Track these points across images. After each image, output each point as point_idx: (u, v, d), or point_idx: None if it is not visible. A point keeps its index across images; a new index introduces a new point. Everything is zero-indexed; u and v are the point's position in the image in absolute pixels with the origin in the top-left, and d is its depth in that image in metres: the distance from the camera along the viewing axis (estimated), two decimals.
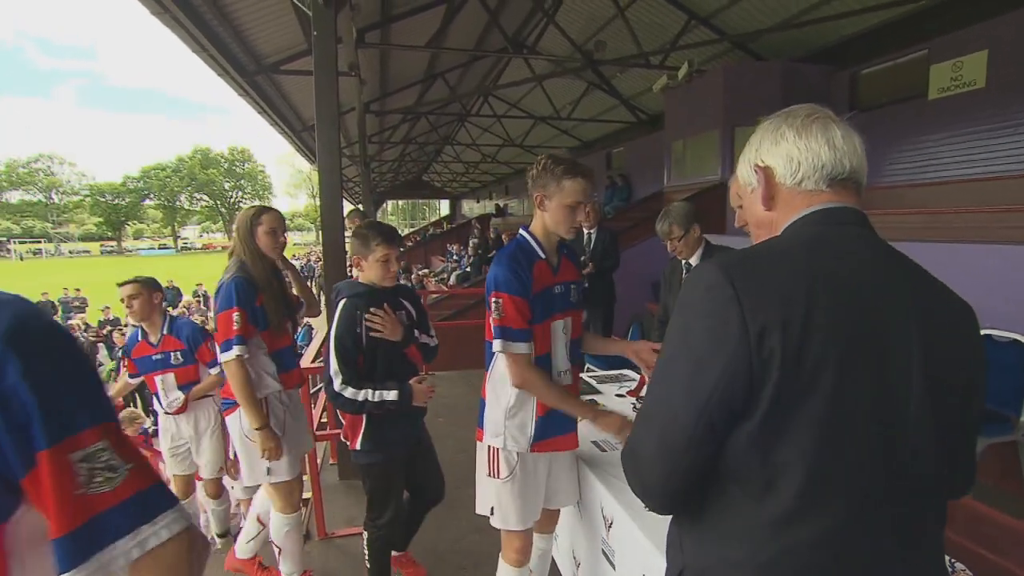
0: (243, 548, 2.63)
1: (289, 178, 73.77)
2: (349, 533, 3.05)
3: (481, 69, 12.19)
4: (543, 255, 1.73)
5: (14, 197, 65.24)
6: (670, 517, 0.96)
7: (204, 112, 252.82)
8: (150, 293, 2.99)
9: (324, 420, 4.30)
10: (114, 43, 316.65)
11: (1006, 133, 5.20)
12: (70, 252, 63.70)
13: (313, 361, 4.07)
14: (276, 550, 2.46)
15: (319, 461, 3.28)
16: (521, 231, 1.78)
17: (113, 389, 3.59)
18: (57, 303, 16.55)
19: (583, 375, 2.99)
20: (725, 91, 7.29)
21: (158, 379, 3.06)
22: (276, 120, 9.82)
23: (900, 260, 0.85)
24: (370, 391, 2.00)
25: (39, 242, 63.33)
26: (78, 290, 17.30)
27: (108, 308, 13.39)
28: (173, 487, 2.91)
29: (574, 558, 2.19)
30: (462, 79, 11.95)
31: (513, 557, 1.86)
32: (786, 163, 0.89)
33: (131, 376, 3.19)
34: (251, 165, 72.50)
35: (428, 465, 2.37)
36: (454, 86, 11.43)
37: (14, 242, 60.62)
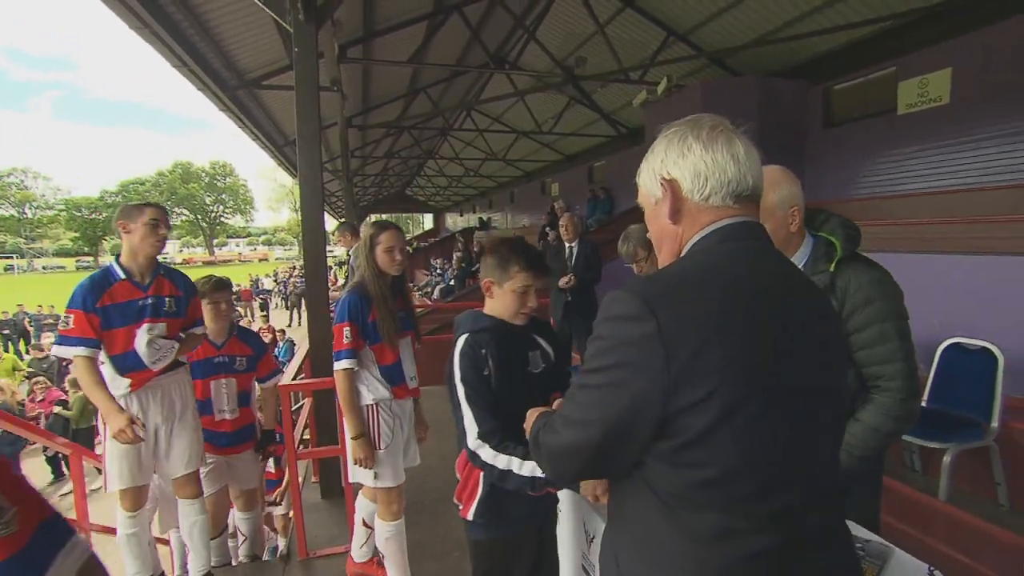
0: (359, 553, 2.63)
1: (271, 192, 73.11)
2: (331, 553, 2.99)
3: (463, 84, 12.29)
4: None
5: None
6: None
7: (185, 126, 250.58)
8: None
9: (306, 437, 4.24)
10: (92, 55, 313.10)
11: (970, 147, 5.38)
12: (44, 268, 62.23)
13: (294, 378, 4.02)
14: (376, 558, 2.50)
15: (300, 479, 3.22)
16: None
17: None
18: (29, 320, 16.15)
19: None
20: (703, 105, 7.39)
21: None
22: (257, 135, 9.78)
23: (794, 270, 0.92)
24: (516, 459, 1.49)
25: (11, 258, 61.78)
26: (52, 307, 16.86)
27: None
28: (126, 504, 2.41)
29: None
30: (444, 94, 12.04)
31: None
32: (693, 178, 0.88)
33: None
34: (232, 179, 71.97)
35: (548, 555, 1.87)
36: (436, 101, 11.50)
37: None
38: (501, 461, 1.50)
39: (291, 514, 3.21)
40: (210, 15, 5.49)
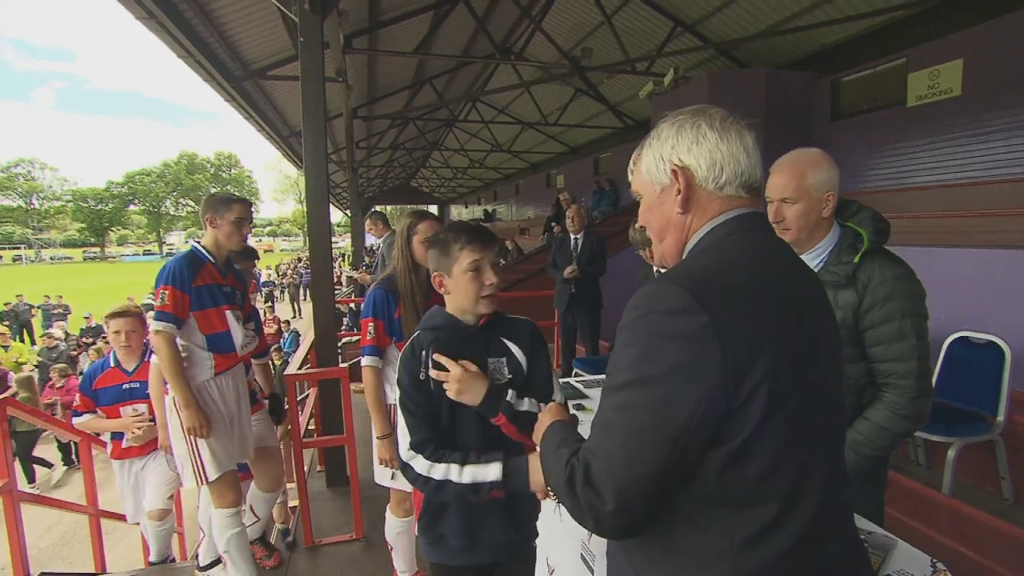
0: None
1: (276, 183, 73.43)
2: (336, 541, 3.03)
3: (469, 75, 12.23)
4: None
5: None
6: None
7: (190, 117, 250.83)
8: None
9: (312, 427, 4.28)
10: (96, 45, 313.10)
11: (981, 140, 5.33)
12: (51, 258, 62.68)
13: (299, 368, 4.05)
14: (388, 547, 2.49)
15: (306, 468, 3.25)
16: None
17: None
18: (36, 308, 16.26)
19: (571, 379, 3.00)
20: (710, 97, 7.36)
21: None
22: (263, 125, 9.77)
23: (797, 258, 0.91)
24: (455, 466, 1.33)
25: (19, 248, 62.22)
26: (60, 297, 16.99)
27: (90, 316, 13.18)
28: (226, 500, 2.35)
29: (548, 565, 2.17)
30: (450, 85, 11.98)
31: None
32: (709, 166, 0.85)
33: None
34: (238, 170, 72.09)
35: None
36: (442, 92, 11.45)
37: None
38: (437, 471, 1.34)
39: (290, 502, 3.23)
40: (215, 4, 5.48)
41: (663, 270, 2.84)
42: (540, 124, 12.43)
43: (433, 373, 1.39)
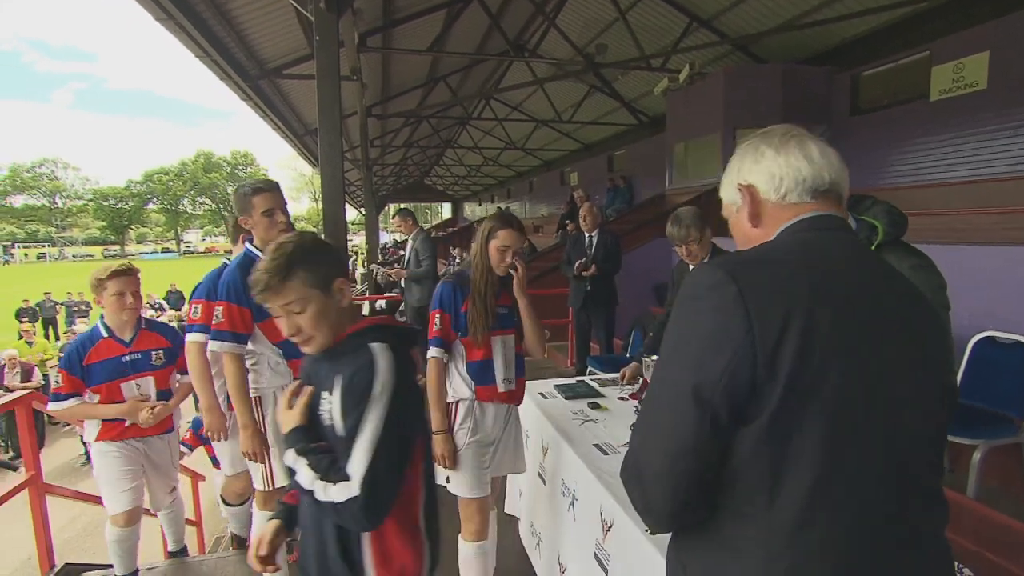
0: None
1: (291, 182, 73.91)
2: None
3: (482, 72, 12.23)
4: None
5: (18, 201, 65.61)
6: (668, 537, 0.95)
7: (207, 116, 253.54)
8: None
9: None
10: (113, 46, 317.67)
11: (1007, 135, 5.20)
12: (74, 256, 63.94)
13: None
14: None
15: None
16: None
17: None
18: (60, 305, 16.62)
19: (585, 378, 2.99)
20: (726, 93, 7.29)
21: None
22: (278, 124, 9.87)
23: (878, 262, 0.90)
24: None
25: (43, 246, 63.62)
26: (80, 294, 17.33)
27: None
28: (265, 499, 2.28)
29: (559, 563, 2.14)
30: (464, 82, 11.99)
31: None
32: (768, 179, 0.92)
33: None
34: (254, 169, 72.85)
35: None
36: (456, 89, 11.46)
37: (17, 246, 60.92)
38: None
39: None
40: (232, 4, 5.54)
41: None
42: (554, 121, 12.40)
43: None
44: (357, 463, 1.15)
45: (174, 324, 8.50)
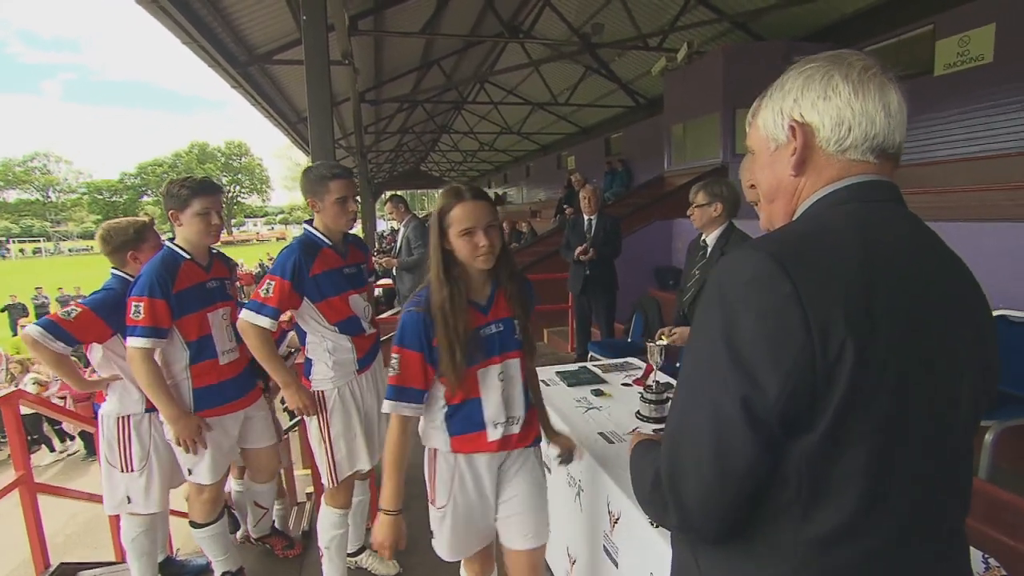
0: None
1: (287, 171, 73.46)
2: None
3: (477, 55, 12.03)
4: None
5: (11, 196, 65.16)
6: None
7: (199, 106, 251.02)
8: None
9: None
10: (102, 35, 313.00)
11: (1015, 109, 5.09)
12: (70, 250, 63.66)
13: None
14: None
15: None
16: None
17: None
18: (55, 300, 16.53)
19: (587, 363, 2.92)
20: (725, 72, 7.16)
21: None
22: (270, 112, 9.71)
23: (935, 241, 0.77)
24: None
25: (38, 241, 63.31)
26: (77, 288, 17.23)
27: None
28: (340, 500, 2.23)
29: (569, 555, 2.13)
30: (458, 66, 11.81)
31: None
32: (835, 125, 0.74)
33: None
34: (248, 159, 72.28)
35: None
36: (450, 73, 11.29)
37: (13, 241, 60.63)
38: None
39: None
40: None
41: (707, 238, 2.62)
42: (550, 104, 12.23)
43: None
44: None
45: None
